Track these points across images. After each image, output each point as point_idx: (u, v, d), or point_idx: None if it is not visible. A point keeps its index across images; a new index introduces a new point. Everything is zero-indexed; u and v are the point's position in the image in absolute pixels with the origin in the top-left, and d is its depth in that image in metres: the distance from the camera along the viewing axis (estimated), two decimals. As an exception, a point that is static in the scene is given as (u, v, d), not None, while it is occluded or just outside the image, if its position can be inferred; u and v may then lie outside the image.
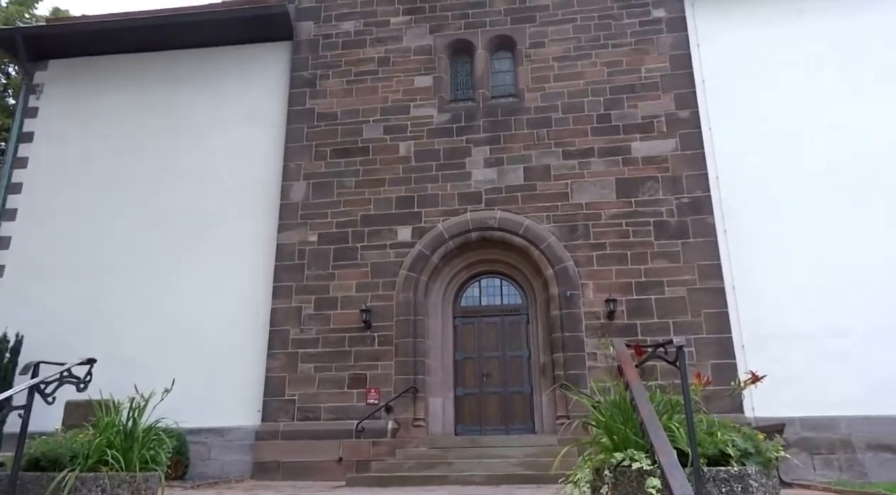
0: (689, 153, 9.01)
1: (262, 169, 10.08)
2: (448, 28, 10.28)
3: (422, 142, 9.74)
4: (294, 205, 9.71)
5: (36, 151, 10.72)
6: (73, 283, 9.77)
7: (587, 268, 8.75)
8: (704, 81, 9.37)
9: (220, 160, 10.22)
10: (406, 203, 9.47)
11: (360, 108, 10.07)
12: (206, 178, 10.14)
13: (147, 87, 10.84)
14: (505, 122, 9.64)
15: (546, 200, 9.16)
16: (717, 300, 8.34)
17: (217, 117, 10.49)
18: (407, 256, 9.20)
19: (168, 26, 10.87)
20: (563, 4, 10.02)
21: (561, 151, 9.34)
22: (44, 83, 11.14)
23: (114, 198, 10.21)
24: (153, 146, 10.44)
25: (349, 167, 9.79)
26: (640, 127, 9.24)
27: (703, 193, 8.82)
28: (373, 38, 10.44)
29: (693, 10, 9.73)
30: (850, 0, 9.46)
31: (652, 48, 9.58)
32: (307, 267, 9.37)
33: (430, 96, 9.96)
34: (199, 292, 9.52)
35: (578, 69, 9.68)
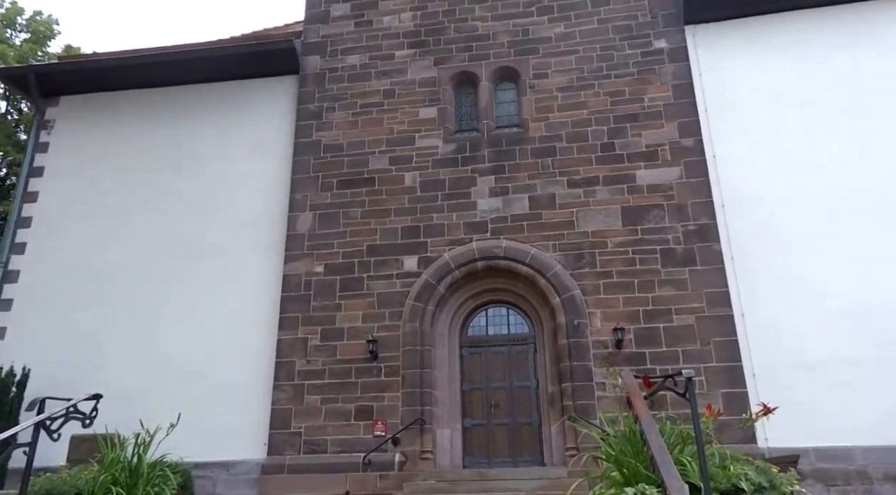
0: (694, 181, 9.03)
1: (268, 200, 10.16)
2: (452, 60, 10.43)
3: (427, 172, 9.80)
4: (300, 236, 9.75)
5: (46, 186, 10.87)
6: (79, 316, 9.80)
7: (594, 297, 8.70)
8: (707, 110, 9.43)
9: (226, 192, 10.32)
10: (412, 233, 9.50)
11: (366, 140, 10.17)
12: (213, 210, 10.23)
13: (155, 122, 11.01)
14: (509, 151, 9.71)
15: (552, 229, 9.16)
16: (726, 328, 8.26)
17: (224, 150, 10.63)
18: (413, 286, 9.18)
19: (177, 62, 11.09)
20: (566, 36, 10.17)
21: (566, 180, 9.38)
22: (55, 119, 11.35)
23: (121, 232, 10.30)
24: (161, 179, 10.57)
25: (355, 198, 9.84)
26: (645, 155, 9.28)
27: (708, 221, 8.81)
28: (378, 71, 10.59)
29: (694, 40, 9.84)
30: (849, 34, 9.54)
31: (654, 78, 9.67)
32: (313, 297, 9.37)
33: (435, 127, 10.05)
34: (204, 324, 9.53)
35: (582, 99, 9.77)
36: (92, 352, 9.49)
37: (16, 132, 16.08)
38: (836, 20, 9.65)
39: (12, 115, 16.41)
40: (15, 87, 11.63)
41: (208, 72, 11.06)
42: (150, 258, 10.05)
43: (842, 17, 9.65)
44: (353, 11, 11.07)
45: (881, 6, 9.59)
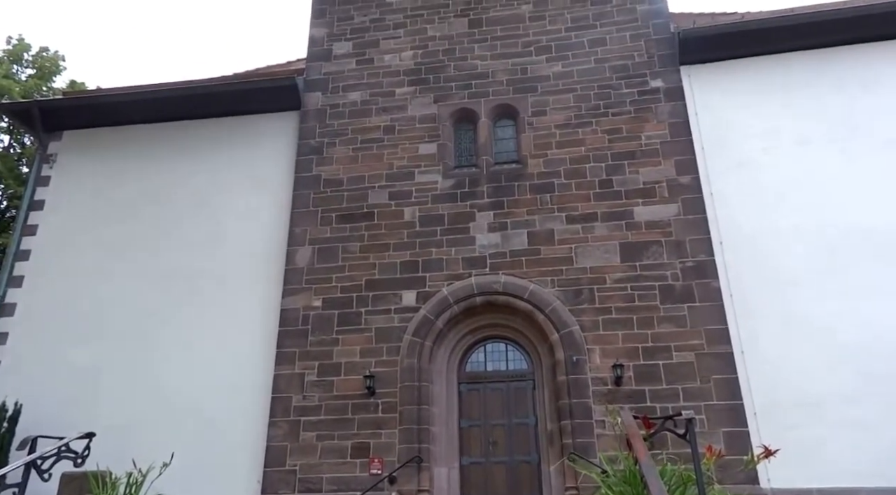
0: (692, 218, 9.08)
1: (267, 234, 10.19)
2: (452, 98, 10.58)
3: (426, 207, 9.85)
4: (299, 271, 9.74)
5: (45, 219, 10.91)
6: (74, 351, 9.73)
7: (593, 333, 8.67)
8: (704, 148, 9.54)
9: (226, 226, 10.36)
10: (411, 267, 9.50)
11: (366, 175, 10.24)
12: (212, 244, 10.25)
13: (157, 156, 11.12)
14: (508, 187, 9.77)
15: (550, 264, 9.16)
16: (726, 366, 8.20)
17: (224, 185, 10.71)
18: (411, 321, 9.14)
19: (180, 98, 11.25)
20: (564, 75, 10.34)
21: (564, 216, 9.42)
22: (57, 153, 11.46)
23: (118, 266, 10.30)
24: (160, 213, 10.62)
25: (354, 232, 9.87)
26: (642, 192, 9.35)
27: (707, 257, 8.82)
28: (378, 108, 10.73)
29: (690, 80, 10.01)
30: (841, 76, 9.71)
31: (651, 116, 9.81)
32: (311, 332, 9.32)
33: (435, 163, 10.14)
34: (200, 359, 9.46)
35: (580, 136, 9.88)
36: (86, 387, 9.40)
37: (18, 165, 16.21)
38: (828, 62, 9.84)
39: (15, 148, 16.57)
40: (19, 121, 11.77)
41: (211, 107, 11.21)
42: (147, 293, 10.02)
43: (834, 59, 9.83)
44: (355, 50, 11.28)
45: (871, 50, 9.78)
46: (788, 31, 9.89)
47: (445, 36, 11.05)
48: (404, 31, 11.25)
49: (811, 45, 9.92)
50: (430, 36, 11.11)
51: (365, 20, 11.49)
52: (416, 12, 11.34)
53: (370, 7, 11.56)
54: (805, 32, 9.87)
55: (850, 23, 9.74)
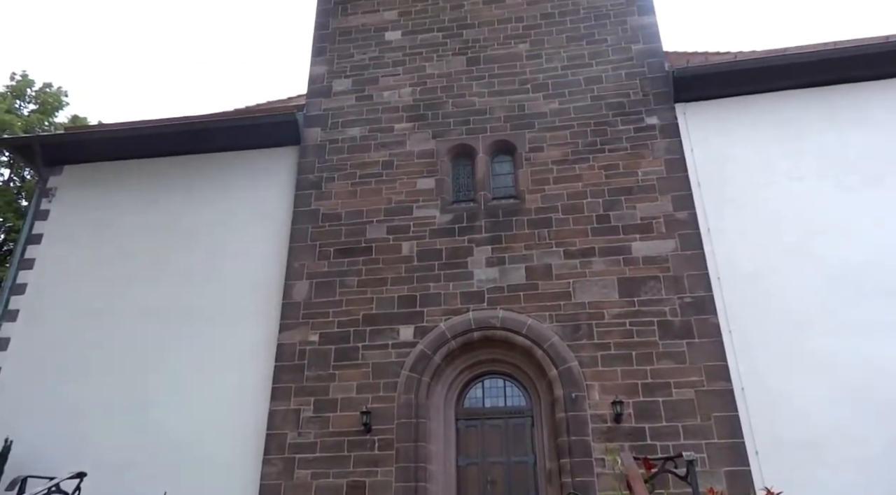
0: (689, 253, 9.10)
1: (265, 269, 10.17)
2: (450, 134, 10.69)
3: (424, 241, 9.87)
4: (296, 305, 9.70)
5: (43, 253, 10.90)
6: (68, 386, 9.62)
7: (592, 369, 8.60)
8: (700, 184, 9.61)
9: (223, 261, 10.35)
10: (408, 302, 9.46)
11: (364, 209, 10.28)
12: (209, 279, 10.23)
13: (156, 191, 11.17)
14: (506, 222, 9.81)
15: (548, 299, 9.14)
16: (726, 403, 8.11)
17: (222, 219, 10.73)
18: (409, 356, 9.07)
19: (181, 133, 11.36)
20: (560, 112, 10.48)
21: (562, 251, 9.44)
22: (57, 187, 11.51)
23: (115, 301, 10.25)
24: (158, 248, 10.62)
25: (352, 266, 9.86)
26: (640, 227, 9.38)
27: (705, 293, 8.81)
28: (377, 143, 10.83)
29: (685, 117, 10.15)
30: (834, 114, 9.85)
31: (647, 152, 9.91)
32: (307, 367, 9.24)
33: (433, 197, 10.19)
34: (194, 396, 9.35)
35: (577, 172, 9.97)
36: (78, 424, 9.25)
37: (17, 199, 16.27)
38: (819, 100, 9.99)
39: (15, 182, 16.65)
40: (20, 156, 11.85)
41: (211, 142, 11.32)
42: (143, 327, 9.95)
43: (825, 98, 9.99)
44: (355, 86, 11.44)
45: (862, 89, 9.94)
46: (780, 71, 10.07)
47: (444, 73, 11.23)
48: (403, 68, 11.43)
49: (803, 84, 10.09)
50: (429, 73, 11.29)
51: (364, 58, 11.68)
52: (415, 50, 11.55)
53: (370, 45, 11.78)
54: (796, 72, 10.06)
55: (840, 62, 9.93)
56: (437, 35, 11.62)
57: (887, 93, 9.86)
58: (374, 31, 11.90)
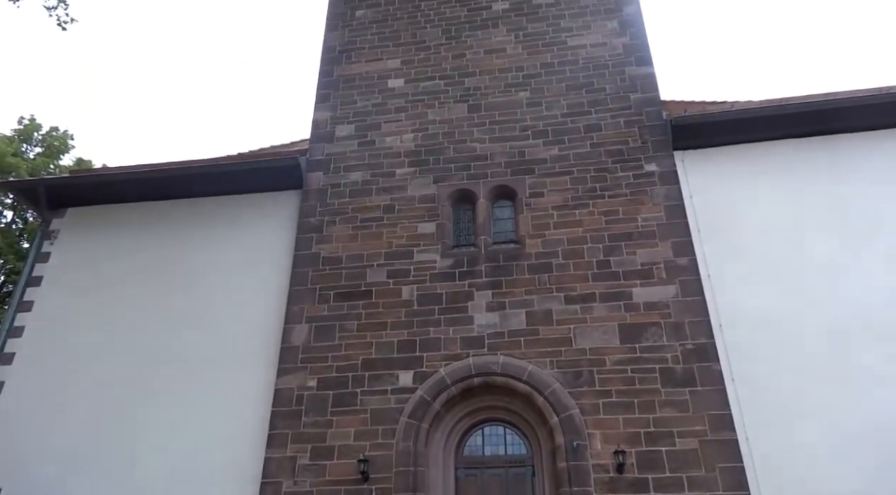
0: (690, 299, 9.06)
1: (264, 312, 10.13)
2: (451, 179, 10.79)
3: (424, 286, 9.84)
4: (295, 349, 9.62)
5: (42, 296, 10.87)
6: (59, 434, 9.49)
7: (594, 417, 8.46)
8: (700, 231, 9.66)
9: (223, 304, 10.32)
10: (408, 347, 9.38)
11: (365, 253, 10.29)
12: (208, 322, 10.18)
13: (158, 234, 11.22)
14: (506, 267, 9.80)
15: (549, 345, 9.06)
16: (731, 453, 7.95)
17: (223, 262, 10.74)
18: (408, 402, 8.94)
19: (184, 177, 11.47)
20: (560, 158, 10.60)
21: (563, 296, 9.40)
22: (59, 229, 11.56)
23: (113, 344, 10.18)
24: (158, 291, 10.60)
25: (352, 310, 9.81)
26: (640, 273, 9.38)
27: (707, 340, 8.74)
28: (379, 188, 10.92)
29: (683, 165, 10.27)
30: (830, 163, 9.97)
31: (647, 199, 9.98)
32: (305, 413, 9.09)
33: (434, 242, 10.21)
34: (188, 442, 9.19)
35: (577, 217, 10.01)
36: (68, 473, 9.08)
37: (19, 241, 16.33)
38: (817, 149, 10.12)
39: (17, 224, 16.74)
40: (24, 198, 11.95)
41: (214, 186, 11.42)
42: (139, 372, 9.86)
43: (822, 147, 10.13)
44: (357, 132, 11.61)
45: (858, 139, 10.10)
46: (775, 121, 10.24)
47: (445, 120, 11.40)
48: (405, 114, 11.62)
49: (798, 134, 10.24)
50: (431, 120, 11.47)
51: (367, 104, 11.89)
52: (418, 98, 11.76)
53: (373, 92, 12.00)
54: (791, 122, 10.22)
55: (834, 113, 10.11)
56: (439, 83, 11.85)
57: (882, 143, 10.00)
58: (378, 78, 12.15)
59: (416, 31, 12.56)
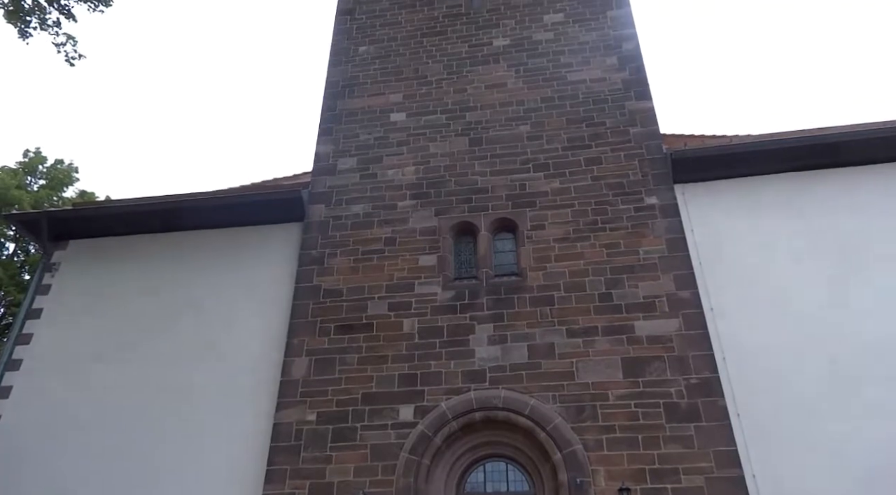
0: (693, 333, 8.99)
1: (264, 345, 10.06)
2: (452, 211, 10.81)
3: (426, 319, 9.78)
4: (294, 382, 9.52)
5: (41, 328, 10.81)
6: (55, 468, 9.33)
7: (597, 453, 8.32)
8: (701, 263, 9.63)
9: (223, 337, 10.25)
10: (409, 381, 9.28)
11: (366, 285, 10.26)
12: (206, 356, 10.09)
13: (159, 266, 11.20)
14: (508, 300, 9.75)
15: (552, 379, 8.96)
16: (737, 491, 7.78)
17: (224, 295, 10.71)
18: (408, 437, 8.81)
19: (185, 210, 11.51)
20: (561, 191, 10.64)
21: (565, 329, 9.33)
22: (61, 262, 11.55)
23: (110, 378, 10.08)
24: (158, 324, 10.54)
25: (352, 343, 9.74)
26: (643, 306, 9.32)
27: (711, 374, 8.65)
28: (380, 220, 10.94)
29: (684, 198, 10.30)
30: (829, 197, 10.01)
31: (648, 232, 9.98)
32: (304, 448, 8.95)
33: (435, 274, 10.19)
34: (185, 477, 9.04)
35: (578, 250, 10.00)
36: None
37: (20, 273, 16.33)
38: (817, 183, 10.16)
39: (19, 256, 16.76)
40: (26, 230, 11.98)
41: (217, 218, 11.45)
42: (138, 406, 9.74)
43: (822, 181, 10.16)
44: (359, 165, 11.68)
45: (858, 173, 10.13)
46: (774, 154, 10.31)
47: (447, 153, 11.48)
48: (407, 148, 11.70)
49: (796, 168, 10.29)
50: (433, 153, 11.55)
51: (369, 138, 11.99)
52: (419, 131, 11.87)
53: (375, 126, 12.11)
54: (791, 156, 10.28)
55: (832, 148, 10.18)
56: (441, 117, 11.97)
57: (883, 176, 10.04)
58: (380, 112, 12.27)
59: (417, 67, 12.75)
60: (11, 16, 10.87)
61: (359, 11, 13.92)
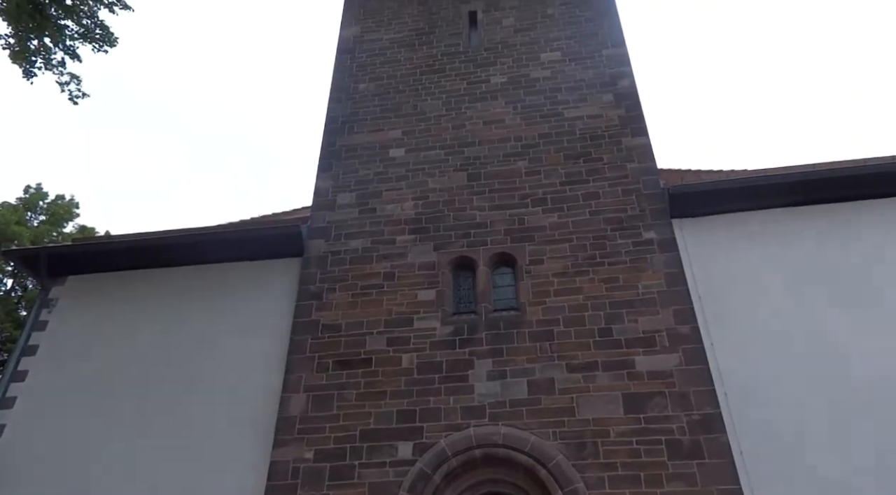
0: (694, 368, 8.93)
1: (261, 381, 9.96)
2: (451, 246, 10.84)
3: (424, 354, 9.72)
4: (292, 419, 9.40)
5: (37, 365, 10.70)
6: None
7: (599, 491, 8.18)
8: (701, 298, 9.62)
9: (220, 373, 10.16)
10: (407, 417, 9.17)
11: (364, 320, 10.22)
12: (204, 392, 9.99)
13: (158, 302, 11.16)
14: (507, 334, 9.71)
15: (552, 415, 8.86)
16: (742, 529, 7.66)
17: (222, 330, 10.65)
18: (407, 475, 8.65)
19: (184, 245, 11.54)
20: (559, 226, 10.68)
21: (564, 365, 9.27)
22: (58, 298, 11.50)
23: (107, 415, 9.94)
24: (156, 360, 10.45)
25: (350, 379, 9.65)
26: (643, 341, 9.28)
27: (712, 410, 8.55)
28: (379, 255, 10.96)
29: (682, 232, 10.33)
30: (826, 232, 10.08)
31: (646, 266, 9.99)
32: (300, 487, 8.78)
33: (434, 309, 10.16)
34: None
35: (577, 285, 9.99)
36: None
37: (16, 309, 16.27)
38: (815, 218, 10.20)
39: (16, 291, 16.72)
40: (24, 266, 11.96)
41: (216, 253, 11.45)
42: (134, 444, 9.58)
43: (820, 216, 10.20)
44: (359, 200, 11.75)
45: (857, 208, 10.19)
46: (772, 190, 10.39)
47: (445, 188, 11.56)
48: (406, 183, 11.79)
49: (792, 203, 10.36)
50: (431, 188, 11.63)
51: (369, 173, 12.09)
52: (418, 167, 11.97)
53: (374, 162, 12.22)
54: (785, 191, 10.36)
55: (826, 183, 10.27)
56: (440, 152, 12.09)
57: (882, 212, 10.10)
58: (379, 148, 12.40)
59: (416, 103, 12.93)
60: (17, 56, 11.05)
61: (359, 51, 14.20)
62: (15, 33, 10.86)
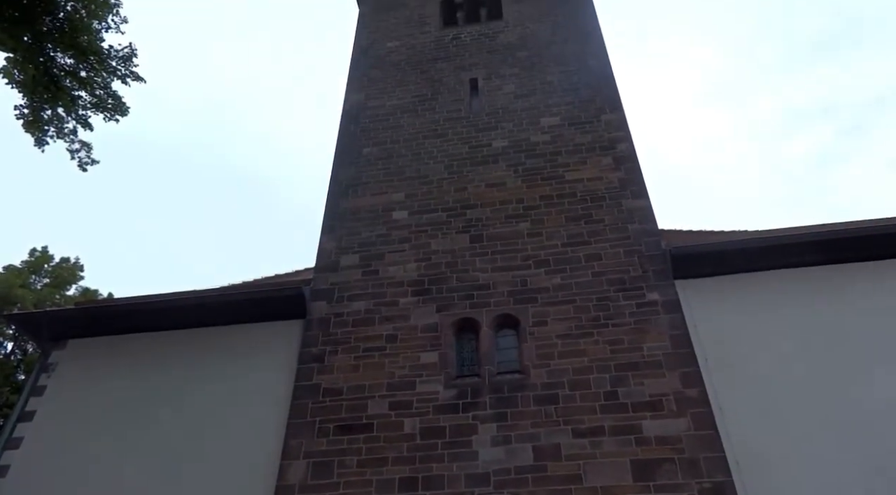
0: (703, 433, 8.71)
1: (260, 447, 9.71)
2: (454, 308, 10.79)
3: (427, 418, 9.52)
4: (291, 488, 9.12)
5: (33, 431, 10.49)
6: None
7: (609, 565, 7.84)
8: (707, 361, 9.47)
9: (218, 438, 9.93)
10: (409, 485, 8.90)
11: (366, 384, 10.07)
12: (201, 458, 9.74)
13: (156, 366, 11.02)
14: (511, 398, 9.54)
15: (558, 483, 8.59)
16: None
17: (221, 394, 10.47)
18: (409, 551, 8.35)
19: (188, 308, 11.51)
20: (563, 287, 10.66)
21: (570, 430, 9.06)
22: (58, 362, 11.40)
23: (102, 483, 9.68)
24: (153, 426, 10.24)
25: (352, 444, 9.42)
26: (650, 405, 9.08)
27: (724, 478, 8.27)
28: (381, 317, 10.90)
29: (685, 293, 10.27)
30: (828, 293, 10.04)
31: (651, 328, 9.90)
32: (298, 562, 8.46)
33: (436, 372, 10.02)
34: None
35: (581, 347, 9.89)
36: None
37: (15, 373, 16.11)
38: (818, 279, 10.16)
39: (16, 355, 16.60)
40: (25, 330, 11.96)
41: (218, 316, 11.40)
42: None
43: (824, 277, 10.18)
44: (362, 262, 11.79)
45: (860, 269, 10.17)
46: (771, 251, 10.40)
47: (448, 250, 11.61)
48: (409, 245, 11.86)
49: (794, 264, 10.35)
50: (434, 250, 11.68)
51: (372, 235, 12.17)
52: (421, 229, 12.07)
53: (377, 224, 12.33)
54: (788, 252, 10.37)
55: (828, 245, 10.28)
56: (442, 215, 12.21)
57: (885, 273, 10.06)
58: (382, 210, 12.54)
59: (419, 167, 13.15)
60: (31, 126, 11.34)
61: (363, 116, 14.57)
62: (30, 104, 11.19)
